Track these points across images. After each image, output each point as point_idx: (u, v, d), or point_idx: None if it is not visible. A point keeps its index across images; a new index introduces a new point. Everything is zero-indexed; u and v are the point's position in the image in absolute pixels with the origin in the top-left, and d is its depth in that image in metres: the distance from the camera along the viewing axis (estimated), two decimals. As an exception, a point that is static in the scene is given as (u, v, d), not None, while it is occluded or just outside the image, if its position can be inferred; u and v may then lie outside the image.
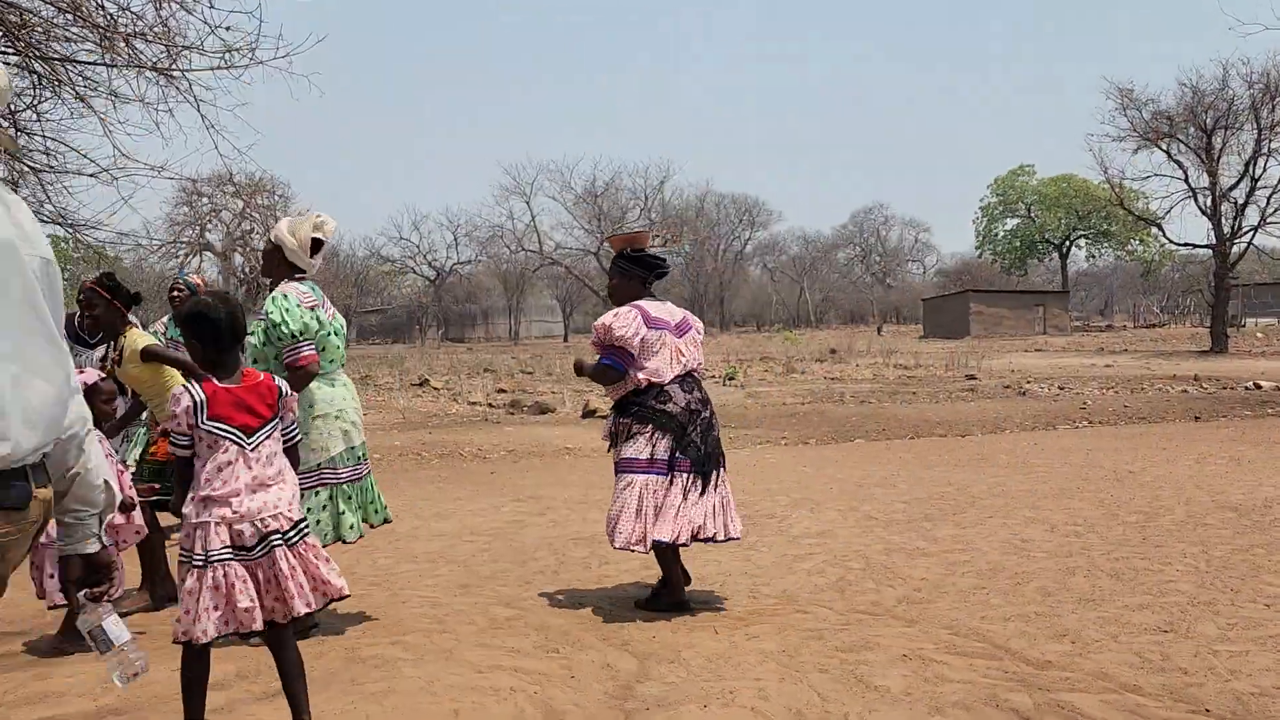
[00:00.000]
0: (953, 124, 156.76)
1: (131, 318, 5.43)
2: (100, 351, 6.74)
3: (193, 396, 3.17)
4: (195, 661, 3.19)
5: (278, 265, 4.75)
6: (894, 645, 4.29)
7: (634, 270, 5.09)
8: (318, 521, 4.52)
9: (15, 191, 9.83)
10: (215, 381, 3.22)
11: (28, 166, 11.77)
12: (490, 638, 4.51)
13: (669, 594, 4.94)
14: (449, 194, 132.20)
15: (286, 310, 4.52)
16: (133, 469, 5.40)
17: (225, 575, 3.09)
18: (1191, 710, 3.51)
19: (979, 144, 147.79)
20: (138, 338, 5.23)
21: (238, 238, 38.33)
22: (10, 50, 10.49)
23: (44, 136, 12.00)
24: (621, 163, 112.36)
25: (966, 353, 33.67)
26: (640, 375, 4.89)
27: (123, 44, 9.64)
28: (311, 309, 4.63)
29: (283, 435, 3.34)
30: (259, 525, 3.15)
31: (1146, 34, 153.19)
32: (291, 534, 3.22)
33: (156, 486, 5.01)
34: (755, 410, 16.71)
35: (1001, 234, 78.17)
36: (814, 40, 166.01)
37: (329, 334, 4.71)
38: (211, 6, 9.79)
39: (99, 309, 5.13)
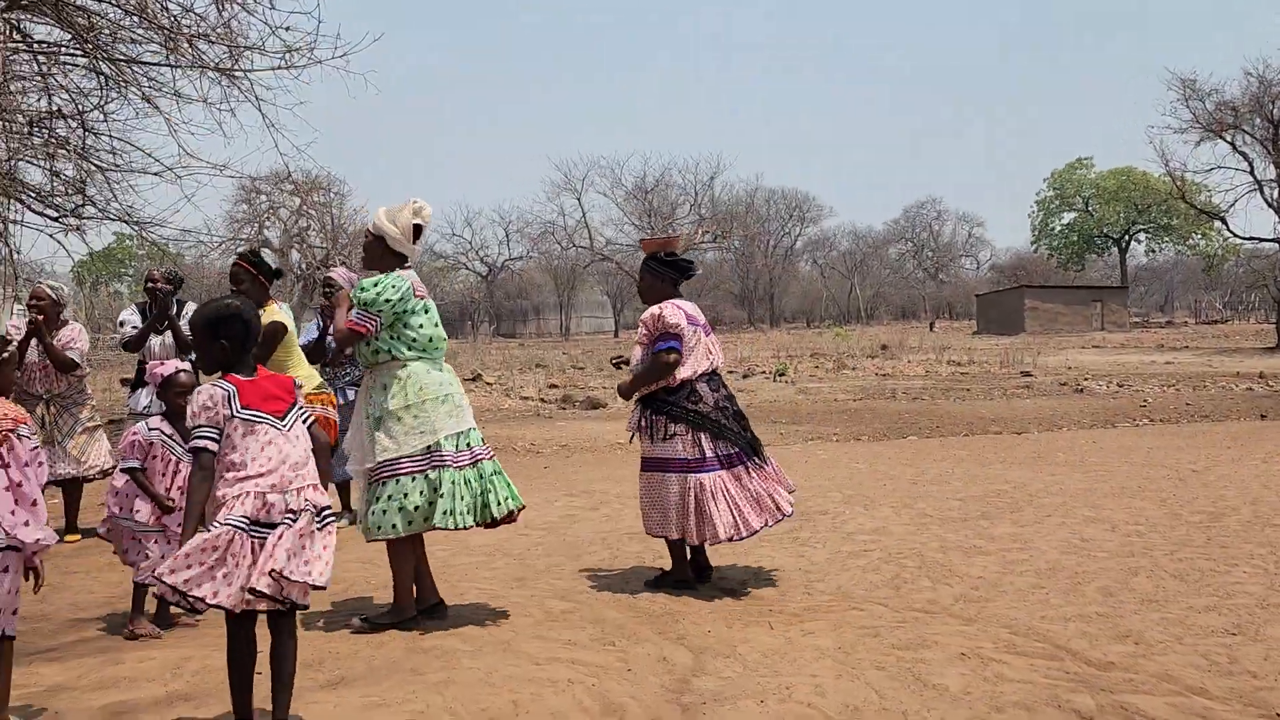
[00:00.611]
0: (1008, 116, 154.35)
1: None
2: (168, 339, 6.89)
3: (224, 389, 3.28)
4: (239, 640, 3.25)
5: (381, 256, 4.76)
6: (951, 644, 4.25)
7: (667, 273, 5.36)
8: (401, 508, 4.48)
9: (83, 191, 10.07)
10: (237, 376, 3.34)
11: (95, 165, 12.08)
12: (547, 630, 4.55)
13: (677, 573, 5.31)
14: (501, 191, 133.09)
15: (375, 285, 4.59)
16: None
17: (231, 541, 3.13)
18: (1262, 715, 3.44)
19: (1035, 137, 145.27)
20: (273, 313, 5.34)
21: (295, 234, 38.96)
22: (79, 52, 10.78)
23: (110, 136, 12.30)
24: (671, 158, 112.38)
25: (1021, 349, 33.16)
26: (679, 373, 5.13)
27: (187, 45, 9.85)
28: (421, 298, 4.73)
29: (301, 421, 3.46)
30: (287, 500, 3.23)
31: (1211, 22, 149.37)
32: (319, 518, 3.30)
33: None
34: (806, 406, 16.63)
35: (1058, 228, 76.81)
36: (866, 32, 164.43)
37: (435, 323, 4.80)
38: (272, 7, 9.97)
39: (245, 283, 5.25)
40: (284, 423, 3.34)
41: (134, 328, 6.91)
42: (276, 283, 5.91)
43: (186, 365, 4.85)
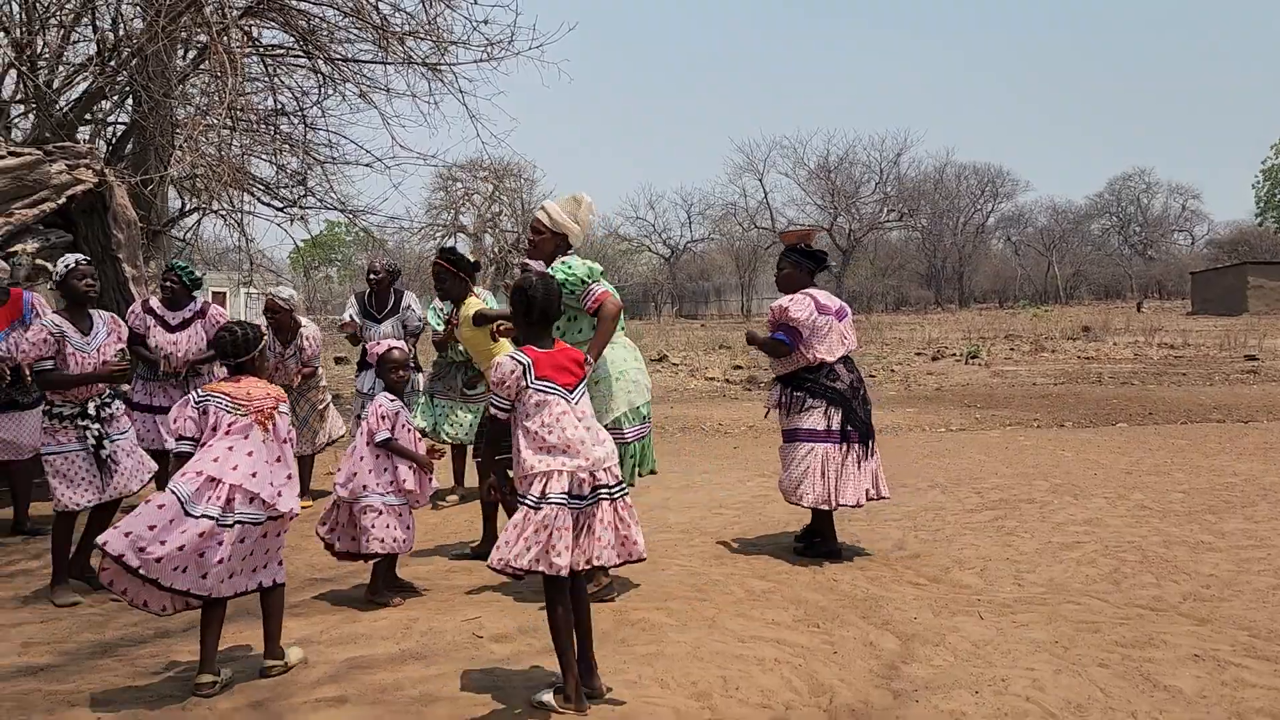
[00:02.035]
0: (1228, 80, 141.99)
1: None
2: (387, 327, 7.35)
3: (520, 361, 3.49)
4: (555, 604, 3.44)
5: (555, 250, 4.93)
6: (1183, 644, 4.01)
7: (805, 263, 5.76)
8: None
9: (305, 182, 10.74)
10: (535, 349, 3.53)
11: (314, 159, 12.95)
12: (749, 608, 4.59)
13: (824, 544, 5.61)
14: (683, 173, 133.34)
15: (569, 268, 4.73)
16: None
17: (556, 518, 3.35)
18: None
19: (1261, 99, 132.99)
20: (474, 304, 5.64)
21: (488, 219, 40.55)
22: (301, 53, 11.56)
23: (327, 131, 13.18)
24: (856, 135, 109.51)
25: (1245, 331, 30.58)
26: (812, 354, 5.54)
27: (397, 43, 10.40)
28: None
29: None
30: (595, 475, 3.43)
31: None
32: (615, 489, 3.48)
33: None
34: (1002, 390, 15.95)
35: (1287, 199, 70.18)
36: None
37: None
38: (475, 3, 10.41)
39: (446, 281, 5.59)
40: (573, 395, 3.53)
41: (354, 317, 7.40)
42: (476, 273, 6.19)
43: (400, 343, 5.16)
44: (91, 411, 4.90)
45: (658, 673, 3.75)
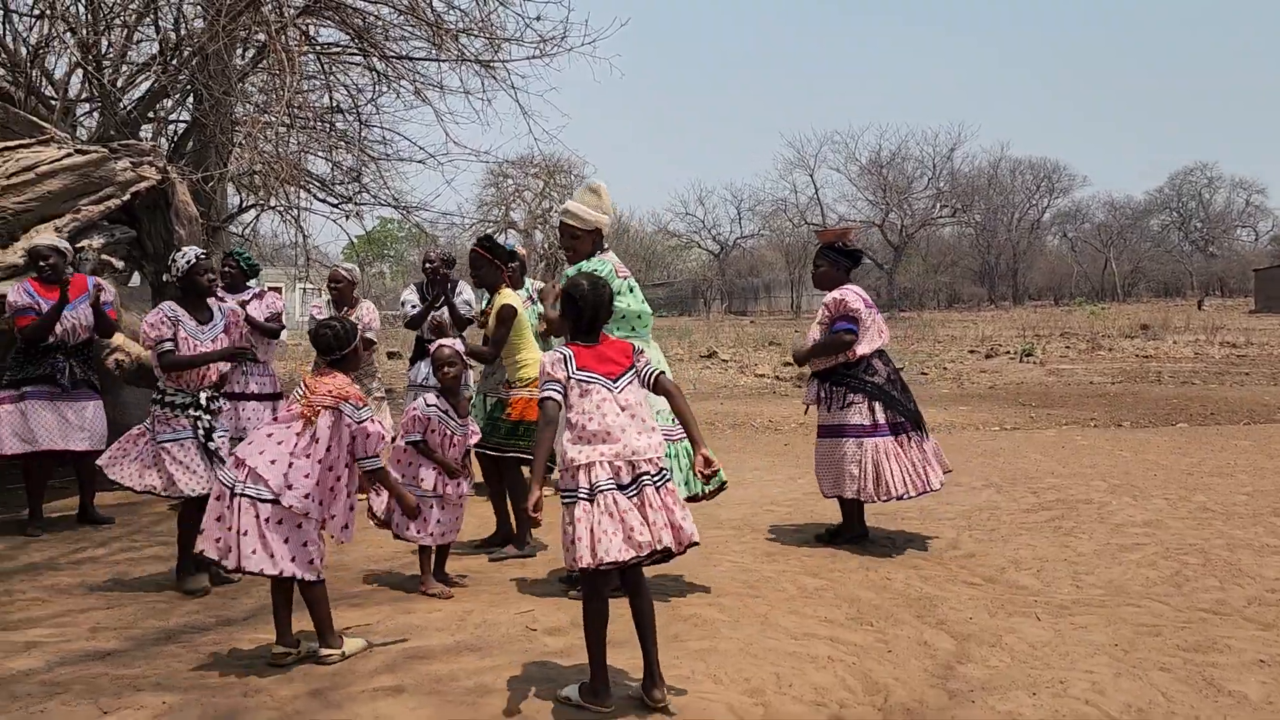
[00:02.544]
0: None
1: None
2: (442, 315, 7.40)
3: (560, 353, 3.54)
4: (594, 598, 3.43)
5: (591, 246, 4.92)
6: (1248, 649, 3.92)
7: (842, 261, 5.88)
8: None
9: (359, 179, 10.89)
10: (579, 345, 3.58)
11: (369, 156, 13.13)
12: (802, 606, 4.57)
13: (848, 529, 5.79)
14: (733, 169, 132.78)
15: (605, 266, 4.75)
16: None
17: (616, 502, 3.35)
18: None
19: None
20: (507, 295, 5.67)
21: (539, 215, 40.77)
22: (357, 51, 11.71)
23: (381, 127, 13.35)
24: (909, 130, 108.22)
25: (1310, 330, 29.76)
26: (857, 349, 5.65)
27: (451, 40, 10.49)
28: (624, 277, 4.89)
29: (640, 383, 3.59)
30: (634, 465, 3.42)
31: None
32: (657, 477, 3.46)
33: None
34: (1058, 389, 15.69)
35: (1356, 194, 68.00)
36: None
37: (641, 300, 4.95)
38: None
39: (483, 268, 5.63)
40: (616, 384, 3.52)
41: (414, 306, 7.46)
42: (513, 264, 6.23)
43: (451, 340, 5.18)
44: (202, 402, 5.00)
45: (711, 668, 3.75)
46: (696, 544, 3.49)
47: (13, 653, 4.00)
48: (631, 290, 4.91)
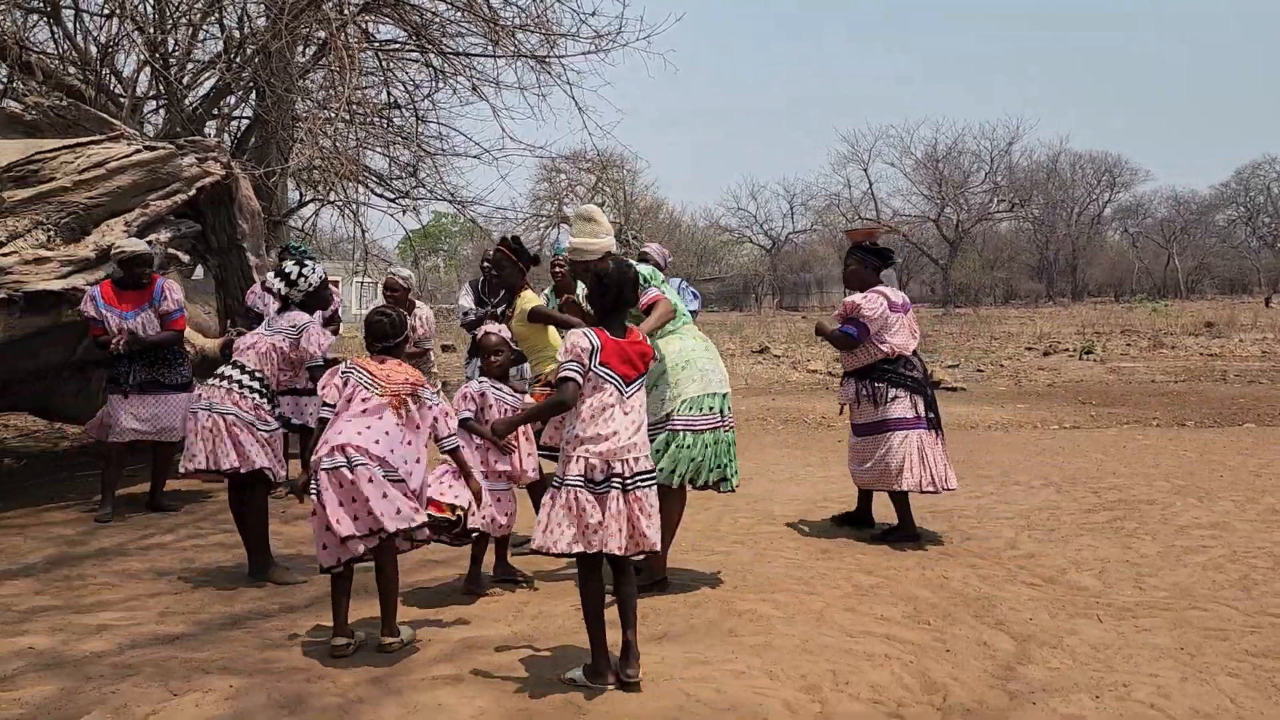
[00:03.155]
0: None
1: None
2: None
3: (591, 341, 3.57)
4: (590, 579, 3.57)
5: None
6: (1320, 655, 3.82)
7: (871, 260, 5.99)
8: (659, 469, 4.56)
9: (416, 174, 11.04)
10: (607, 333, 3.63)
11: (425, 151, 13.26)
12: (857, 603, 4.54)
13: (904, 529, 5.80)
14: (786, 164, 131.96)
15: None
16: None
17: (576, 499, 3.47)
18: None
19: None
20: (530, 299, 5.68)
21: (590, 211, 40.93)
22: (414, 47, 11.84)
23: (438, 123, 13.48)
24: (966, 124, 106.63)
25: (1384, 329, 28.80)
26: (889, 347, 5.80)
27: (507, 36, 10.56)
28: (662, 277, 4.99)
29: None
30: (610, 465, 3.51)
31: None
32: (633, 480, 3.54)
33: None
34: (1119, 387, 15.37)
35: None
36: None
37: (675, 296, 5.01)
38: (583, -6, 10.50)
39: (505, 269, 5.64)
40: (627, 390, 3.60)
41: (467, 312, 7.56)
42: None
43: (495, 326, 5.14)
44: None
45: (766, 664, 3.75)
46: (656, 552, 3.72)
47: (85, 635, 4.12)
48: (665, 285, 5.01)
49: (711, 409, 4.78)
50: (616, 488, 3.50)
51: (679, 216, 58.46)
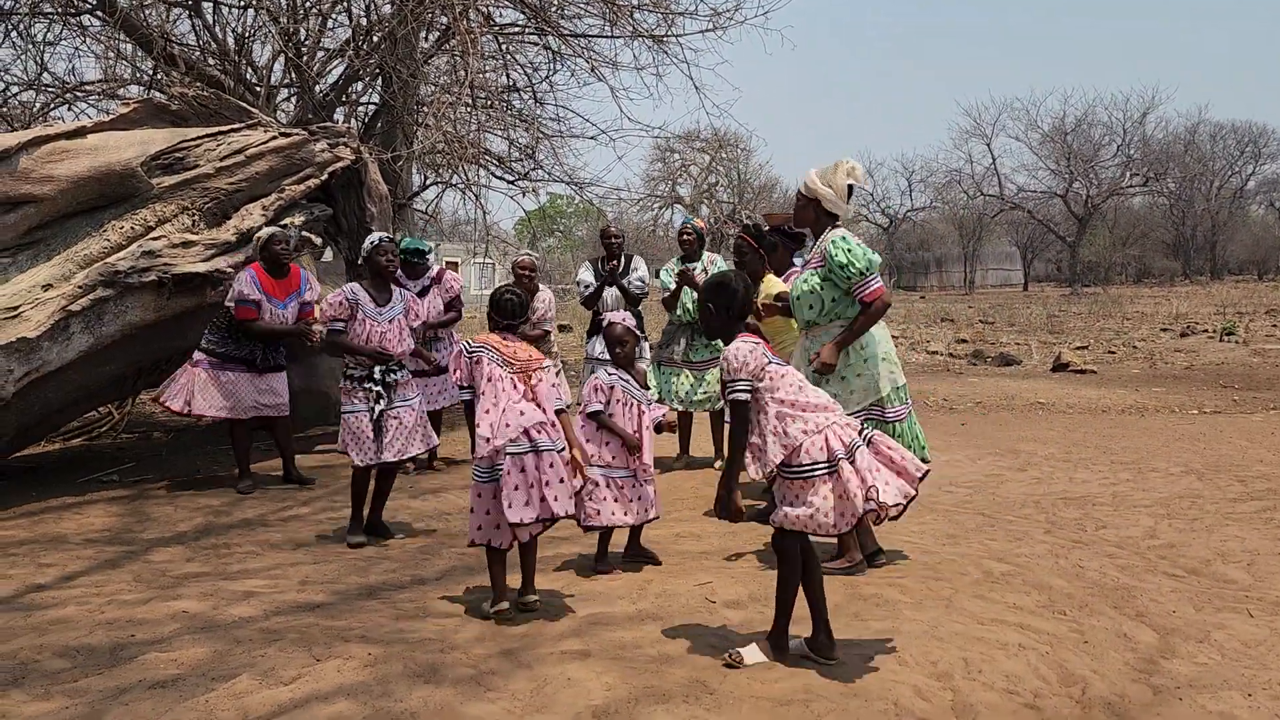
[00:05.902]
0: None
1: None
2: (614, 291, 7.51)
3: (756, 343, 3.64)
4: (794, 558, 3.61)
5: (816, 219, 4.93)
6: None
7: (788, 244, 5.95)
8: None
9: (534, 156, 11.13)
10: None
11: (542, 133, 13.41)
12: (987, 591, 4.42)
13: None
14: (904, 139, 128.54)
15: (849, 250, 4.72)
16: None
17: (850, 475, 3.49)
18: None
19: None
20: (774, 284, 5.69)
21: (704, 190, 40.79)
22: (533, 30, 11.97)
23: (556, 105, 13.61)
24: (1097, 94, 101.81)
25: None
26: None
27: (625, 17, 10.57)
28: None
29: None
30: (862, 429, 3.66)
31: None
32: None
33: None
34: (1264, 371, 14.53)
35: None
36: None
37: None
38: (701, -29, 10.42)
39: (747, 255, 5.70)
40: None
41: (588, 285, 7.60)
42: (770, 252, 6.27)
43: (624, 315, 5.11)
44: (376, 376, 5.32)
45: (896, 649, 3.69)
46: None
47: (234, 600, 4.34)
48: None
49: (906, 400, 4.91)
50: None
51: (794, 195, 57.69)
